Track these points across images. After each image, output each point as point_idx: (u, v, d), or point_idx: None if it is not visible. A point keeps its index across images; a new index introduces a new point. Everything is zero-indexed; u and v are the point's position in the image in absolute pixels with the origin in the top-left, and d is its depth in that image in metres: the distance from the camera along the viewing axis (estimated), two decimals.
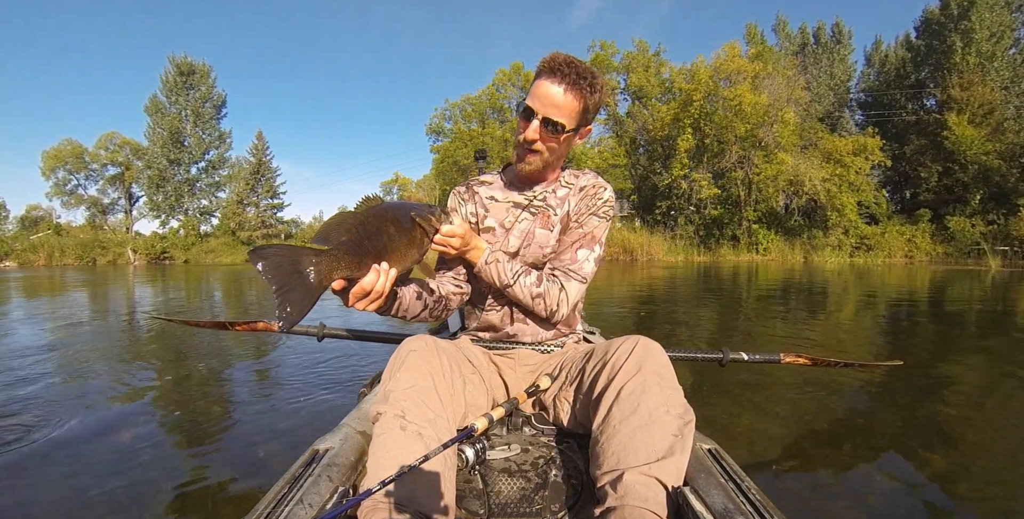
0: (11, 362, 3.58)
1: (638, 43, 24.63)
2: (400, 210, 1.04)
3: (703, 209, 21.42)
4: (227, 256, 28.70)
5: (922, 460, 1.92)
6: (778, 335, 4.46)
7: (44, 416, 2.42)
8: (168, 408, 2.55)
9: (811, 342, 4.17)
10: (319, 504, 0.91)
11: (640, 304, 6.75)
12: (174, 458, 1.96)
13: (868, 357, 3.60)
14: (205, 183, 36.59)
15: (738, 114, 19.22)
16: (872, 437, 2.17)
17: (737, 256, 19.77)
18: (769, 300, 7.33)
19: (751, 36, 34.52)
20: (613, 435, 1.00)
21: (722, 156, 20.85)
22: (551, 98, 1.17)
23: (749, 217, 20.72)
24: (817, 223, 21.23)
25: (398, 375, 1.08)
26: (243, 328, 1.88)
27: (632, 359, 1.09)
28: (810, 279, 11.20)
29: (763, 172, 19.82)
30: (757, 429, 2.24)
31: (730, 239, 21.13)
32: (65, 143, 37.91)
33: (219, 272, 17.71)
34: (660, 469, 0.92)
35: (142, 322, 5.57)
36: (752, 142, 20.55)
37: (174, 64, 35.59)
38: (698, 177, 20.62)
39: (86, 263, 28.34)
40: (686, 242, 20.73)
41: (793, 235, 21.02)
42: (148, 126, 35.63)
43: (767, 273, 12.94)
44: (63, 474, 1.81)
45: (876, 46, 35.25)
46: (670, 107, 20.91)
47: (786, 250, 20.20)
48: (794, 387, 2.82)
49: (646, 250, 18.88)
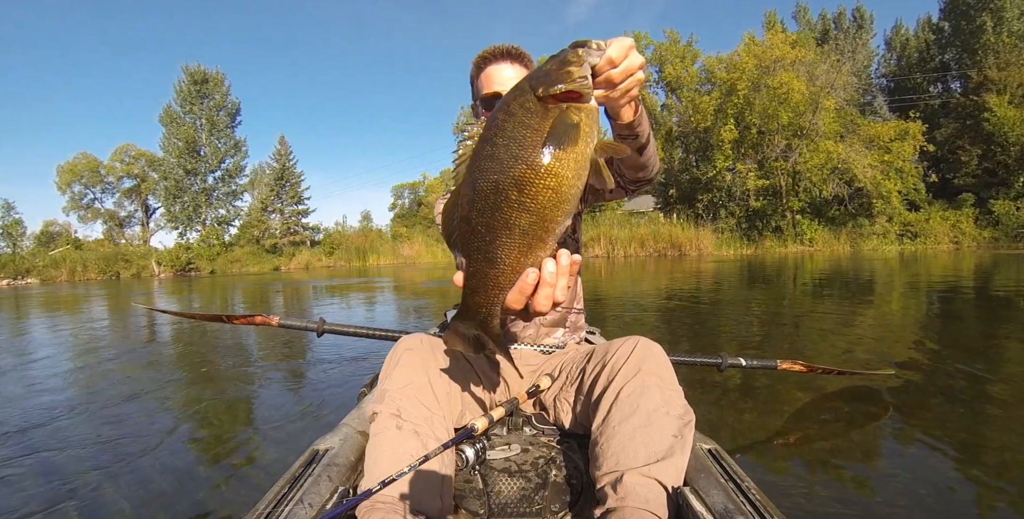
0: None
1: (669, 34, 24.15)
2: (515, 106, 0.66)
3: (746, 201, 20.95)
4: (254, 265, 28.21)
5: (922, 460, 1.93)
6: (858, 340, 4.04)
7: (34, 421, 2.35)
8: (168, 408, 2.50)
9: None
10: (319, 504, 0.90)
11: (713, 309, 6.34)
12: (174, 458, 1.94)
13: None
14: (222, 192, 36.20)
15: (783, 102, 18.73)
16: (872, 437, 2.17)
17: (785, 247, 19.31)
18: (859, 298, 6.88)
19: (771, 24, 34.11)
20: (612, 436, 0.99)
21: (765, 146, 20.37)
22: (508, 77, 1.23)
23: (793, 207, 20.23)
24: (861, 211, 20.76)
25: (394, 374, 1.07)
26: (241, 322, 1.82)
27: (632, 360, 1.08)
28: (870, 269, 10.78)
29: (809, 161, 19.33)
30: (757, 429, 2.25)
31: (773, 231, 20.66)
32: (80, 157, 37.60)
33: (247, 282, 17.28)
34: (660, 470, 0.92)
35: (155, 324, 5.37)
36: (794, 130, 20.07)
37: (187, 73, 35.23)
38: (743, 168, 20.13)
39: (109, 277, 27.96)
40: (727, 235, 20.27)
41: (837, 224, 20.55)
42: (163, 136, 35.27)
43: (828, 264, 12.48)
44: (62, 474, 1.79)
45: (896, 30, 34.79)
46: (711, 97, 20.38)
47: (831, 240, 19.72)
48: (794, 388, 2.82)
49: (695, 244, 18.43)
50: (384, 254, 25.42)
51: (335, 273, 20.33)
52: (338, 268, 24.38)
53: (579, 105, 0.66)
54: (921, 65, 30.82)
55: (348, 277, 16.57)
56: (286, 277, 19.78)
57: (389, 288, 11.10)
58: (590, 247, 19.42)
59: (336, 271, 22.03)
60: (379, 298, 9.10)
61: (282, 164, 36.18)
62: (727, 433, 2.20)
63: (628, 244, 18.95)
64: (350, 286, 12.63)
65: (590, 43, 0.68)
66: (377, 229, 33.88)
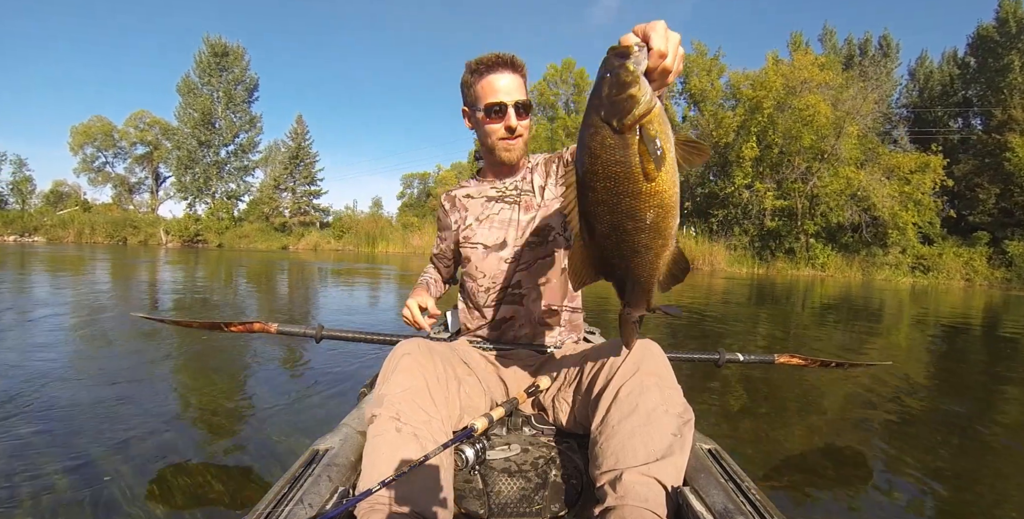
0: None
1: (696, 46, 24.13)
2: (595, 145, 0.71)
3: (761, 220, 20.97)
4: (262, 242, 28.15)
5: (923, 460, 1.93)
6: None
7: (27, 421, 2.25)
8: (167, 409, 2.48)
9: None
10: (319, 504, 0.90)
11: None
12: (173, 458, 1.92)
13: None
14: (234, 166, 36.08)
15: (807, 124, 18.74)
16: (873, 437, 2.16)
17: (796, 270, 19.33)
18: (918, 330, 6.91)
19: (796, 45, 34.04)
20: (612, 435, 0.99)
21: (784, 167, 20.38)
22: (508, 86, 1.26)
23: (808, 231, 20.25)
24: (875, 240, 20.78)
25: (392, 378, 1.07)
26: (238, 329, 1.80)
27: (630, 360, 1.08)
28: (880, 299, 10.77)
29: (829, 185, 19.35)
30: (757, 429, 2.24)
31: (786, 252, 20.69)
32: (95, 120, 37.46)
33: (254, 259, 17.16)
34: (659, 469, 0.92)
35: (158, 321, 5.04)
36: (814, 153, 20.09)
37: (208, 44, 35.04)
38: (761, 187, 20.14)
39: (116, 242, 27.88)
40: (739, 253, 20.29)
41: (850, 252, 20.57)
42: (179, 106, 35.13)
43: (840, 291, 12.49)
44: (59, 474, 1.76)
45: (921, 61, 34.80)
46: (736, 113, 20.38)
47: (843, 266, 19.75)
48: (794, 388, 2.79)
49: (708, 259, 18.43)
50: (393, 242, 25.34)
51: (343, 257, 20.30)
52: (346, 252, 24.35)
53: (650, 117, 0.69)
54: (943, 99, 30.83)
55: (356, 262, 16.57)
56: (293, 256, 19.75)
57: (396, 277, 11.19)
58: None
59: (344, 255, 21.99)
60: (385, 288, 9.08)
61: (298, 143, 36.05)
62: (727, 433, 2.20)
63: None
64: (357, 271, 12.67)
65: (631, 48, 0.69)
66: (387, 217, 33.77)
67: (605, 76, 0.70)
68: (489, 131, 1.32)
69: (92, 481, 1.71)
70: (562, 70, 27.42)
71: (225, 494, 1.66)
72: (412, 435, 0.99)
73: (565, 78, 27.44)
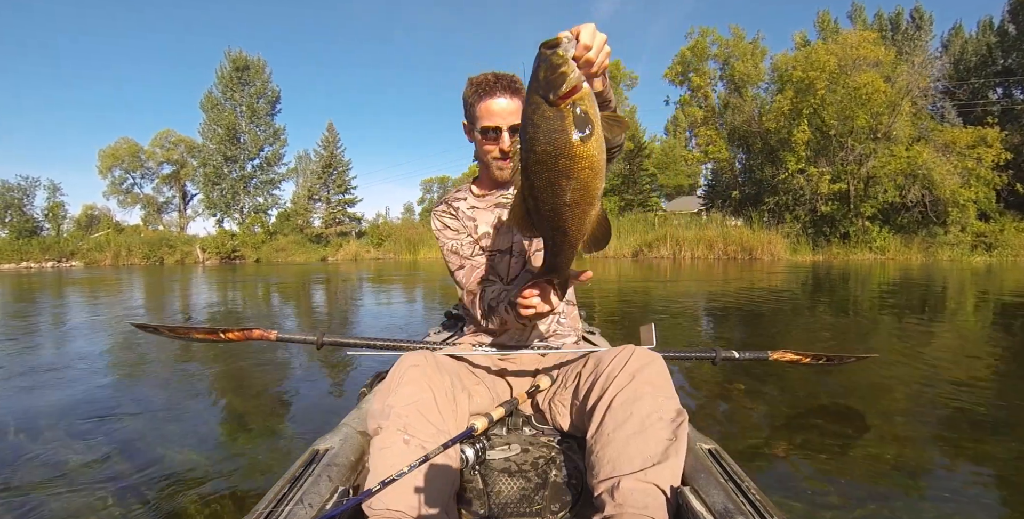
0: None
1: (734, 30, 23.50)
2: (537, 117, 0.85)
3: (814, 205, 20.29)
4: (300, 254, 27.94)
5: (922, 459, 1.94)
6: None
7: (29, 425, 2.30)
8: (166, 409, 2.48)
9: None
10: (319, 504, 0.91)
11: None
12: (173, 458, 1.93)
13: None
14: (260, 180, 36.09)
15: (864, 104, 18.04)
16: (873, 437, 2.17)
17: (853, 254, 18.66)
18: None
19: (824, 24, 33.15)
20: (608, 443, 1.00)
21: (839, 149, 19.69)
22: (504, 110, 1.30)
23: (867, 213, 19.55)
24: (931, 219, 20.04)
25: (399, 390, 1.07)
26: (237, 337, 1.78)
27: (626, 370, 1.09)
28: (960, 281, 10.09)
29: (887, 165, 18.64)
30: (757, 428, 2.26)
31: (841, 237, 20.02)
32: (122, 141, 37.70)
33: (296, 272, 16.82)
34: (656, 474, 0.93)
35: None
36: (868, 133, 19.38)
37: (230, 59, 35.07)
38: (815, 171, 19.47)
39: (153, 262, 27.89)
40: (792, 240, 19.65)
41: (908, 233, 19.85)
42: (203, 122, 35.19)
43: (916, 274, 11.85)
44: (58, 472, 1.79)
45: (956, 32, 33.71)
46: (785, 96, 19.70)
47: (902, 248, 19.05)
48: (795, 387, 2.83)
49: (767, 248, 17.85)
50: (435, 247, 24.95)
51: (385, 266, 19.92)
52: (387, 261, 24.02)
53: (580, 94, 0.83)
54: (981, 69, 29.83)
55: (410, 270, 16.17)
56: (333, 268, 19.46)
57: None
58: (655, 247, 18.96)
59: (385, 264, 21.66)
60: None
61: (330, 151, 35.88)
62: (727, 432, 2.22)
63: (696, 245, 18.42)
64: (415, 278, 12.23)
65: (561, 39, 0.82)
66: (420, 222, 33.47)
67: (540, 62, 0.84)
68: (485, 151, 1.37)
69: (92, 481, 1.73)
70: None
71: (225, 494, 1.67)
72: (420, 447, 0.98)
73: None
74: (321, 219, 35.03)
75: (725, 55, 23.56)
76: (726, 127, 23.01)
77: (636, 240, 19.71)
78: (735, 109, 22.92)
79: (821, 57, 18.54)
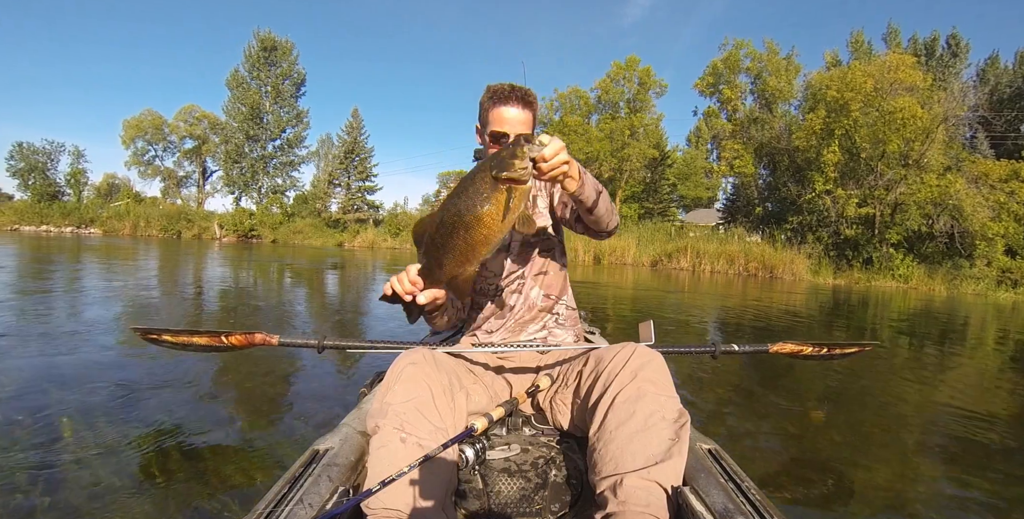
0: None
1: (768, 44, 23.27)
2: (477, 179, 1.01)
3: (838, 228, 20.06)
4: (317, 239, 27.99)
5: (924, 465, 1.92)
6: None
7: (30, 421, 2.22)
8: (166, 408, 2.47)
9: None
10: (319, 504, 0.91)
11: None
12: (174, 458, 1.92)
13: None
14: (280, 161, 36.16)
15: (899, 129, 17.80)
16: (874, 436, 2.16)
17: (877, 280, 18.46)
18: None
19: (858, 45, 32.78)
20: (610, 441, 1.01)
21: (868, 172, 19.45)
22: (515, 119, 1.36)
23: (892, 240, 19.33)
24: (956, 251, 19.76)
25: (396, 388, 1.07)
26: (239, 341, 1.77)
27: (628, 367, 1.10)
28: (983, 316, 10.02)
29: (917, 193, 18.41)
30: (757, 428, 2.24)
31: (864, 262, 19.79)
32: (146, 113, 37.90)
33: (316, 256, 16.76)
34: (659, 473, 0.93)
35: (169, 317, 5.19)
36: (898, 159, 19.13)
37: (258, 39, 35.12)
38: (843, 194, 19.24)
39: (171, 235, 28.05)
40: (814, 261, 19.45)
41: (932, 263, 19.60)
42: (228, 100, 35.29)
43: (941, 306, 11.71)
44: (59, 473, 1.77)
45: (992, 61, 33.28)
46: (817, 114, 19.48)
47: (926, 278, 18.80)
48: (796, 387, 2.80)
49: (789, 267, 17.67)
50: None
51: (401, 256, 19.92)
52: (404, 251, 24.00)
53: (516, 186, 0.98)
54: (1015, 101, 29.43)
55: (413, 262, 15.99)
56: (350, 255, 19.45)
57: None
58: (675, 259, 18.82)
59: (402, 253, 21.65)
60: None
61: (353, 137, 35.89)
62: (727, 433, 2.20)
63: (716, 259, 18.27)
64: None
65: (534, 140, 0.97)
66: None
67: (510, 146, 0.98)
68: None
69: (92, 481, 1.72)
70: (626, 67, 26.67)
71: (226, 494, 1.67)
72: (417, 446, 0.98)
73: (630, 76, 26.68)
74: (339, 204, 35.06)
75: (758, 69, 23.29)
76: (753, 142, 22.77)
77: (656, 249, 19.57)
78: (764, 124, 22.69)
79: (858, 78, 18.29)
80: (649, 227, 22.85)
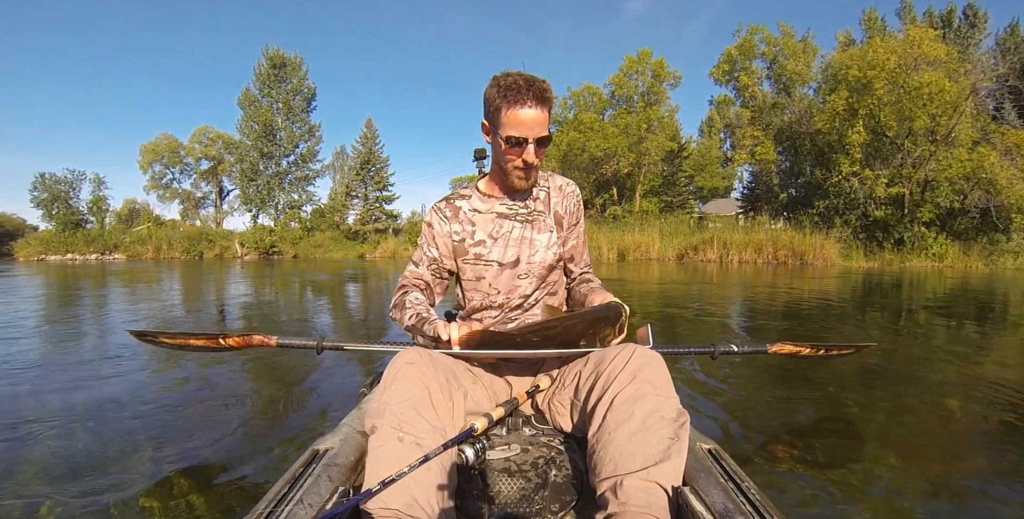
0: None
1: (783, 28, 22.80)
2: None
3: (867, 209, 19.53)
4: (337, 251, 28.14)
5: (924, 458, 1.94)
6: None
7: (23, 423, 2.29)
8: (167, 408, 2.49)
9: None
10: (319, 504, 0.91)
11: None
12: (174, 458, 1.93)
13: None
14: (295, 176, 36.49)
15: (925, 104, 17.27)
16: (874, 436, 2.16)
17: (911, 261, 17.93)
18: None
19: (871, 22, 32.06)
20: (609, 442, 1.01)
21: (895, 151, 18.92)
22: (532, 121, 1.26)
23: (924, 219, 18.75)
24: (992, 226, 19.10)
25: (393, 387, 1.07)
26: (237, 342, 1.74)
27: (627, 369, 1.10)
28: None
29: (948, 169, 17.84)
30: (757, 428, 2.26)
31: (895, 242, 19.24)
32: (162, 137, 38.54)
33: (336, 269, 16.66)
34: (659, 473, 0.93)
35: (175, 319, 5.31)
36: (926, 136, 18.58)
37: (267, 56, 35.54)
38: (871, 174, 18.72)
39: (193, 256, 28.41)
40: (843, 245, 18.95)
41: (966, 239, 18.99)
42: (241, 119, 35.75)
43: (993, 285, 11.24)
44: (59, 474, 1.78)
45: (1011, 30, 32.30)
46: (839, 95, 18.98)
47: (961, 256, 18.21)
48: (796, 387, 2.82)
49: (819, 253, 17.22)
50: None
51: None
52: None
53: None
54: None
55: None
56: (370, 266, 19.43)
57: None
58: (701, 251, 18.48)
59: None
60: None
61: (368, 147, 36.08)
62: (727, 433, 2.21)
63: (744, 249, 17.87)
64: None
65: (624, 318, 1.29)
66: None
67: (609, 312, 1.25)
68: (506, 158, 1.33)
69: (92, 481, 1.73)
70: (639, 60, 26.32)
71: (225, 494, 1.67)
72: (415, 444, 0.98)
73: (643, 69, 26.33)
74: (357, 215, 35.21)
75: (774, 54, 22.85)
76: (772, 128, 22.30)
77: (680, 242, 19.24)
78: (783, 109, 22.21)
79: (880, 55, 17.79)
80: (671, 221, 22.51)
